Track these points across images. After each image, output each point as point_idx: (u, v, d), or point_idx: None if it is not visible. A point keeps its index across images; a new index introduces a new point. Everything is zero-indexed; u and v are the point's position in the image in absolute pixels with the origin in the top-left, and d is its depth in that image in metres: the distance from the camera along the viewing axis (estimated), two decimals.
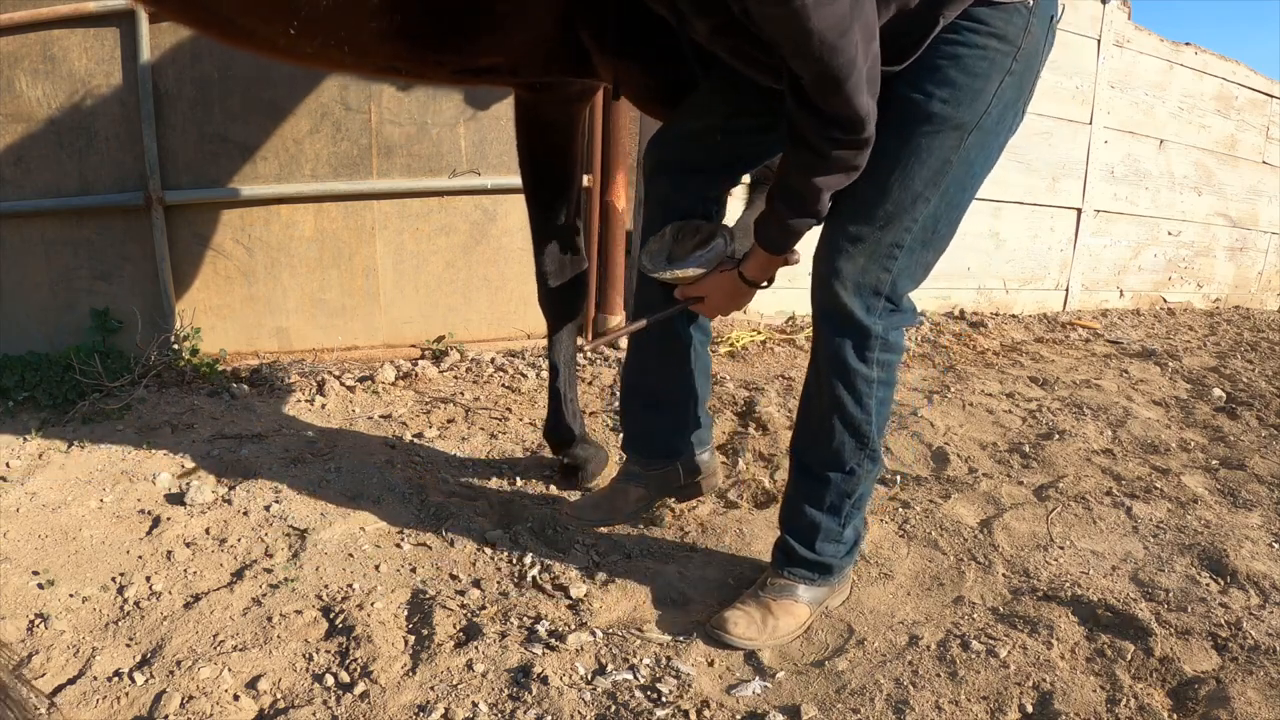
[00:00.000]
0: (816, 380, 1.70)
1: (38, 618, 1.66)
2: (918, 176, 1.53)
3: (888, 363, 1.65)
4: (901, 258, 1.58)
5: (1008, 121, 1.59)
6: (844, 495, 1.71)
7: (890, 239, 1.56)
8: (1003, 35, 1.49)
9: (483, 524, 2.10)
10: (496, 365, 3.25)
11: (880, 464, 1.74)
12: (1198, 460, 2.67)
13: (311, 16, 1.61)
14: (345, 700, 1.48)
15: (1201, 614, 1.79)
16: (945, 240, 1.63)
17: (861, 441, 1.67)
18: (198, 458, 2.39)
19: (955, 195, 1.57)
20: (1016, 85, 1.54)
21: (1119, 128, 4.81)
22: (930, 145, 1.51)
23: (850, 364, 1.63)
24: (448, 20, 1.70)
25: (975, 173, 1.58)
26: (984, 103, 1.51)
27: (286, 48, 1.70)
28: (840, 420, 1.66)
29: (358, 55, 1.74)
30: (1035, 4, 1.50)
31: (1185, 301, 5.46)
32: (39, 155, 2.97)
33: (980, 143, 1.55)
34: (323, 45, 1.69)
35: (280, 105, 3.05)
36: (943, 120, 1.50)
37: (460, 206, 3.29)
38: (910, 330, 3.96)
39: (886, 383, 1.67)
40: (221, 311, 3.20)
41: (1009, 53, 1.50)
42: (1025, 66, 1.54)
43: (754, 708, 1.51)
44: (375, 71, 1.89)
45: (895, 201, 1.54)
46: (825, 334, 1.65)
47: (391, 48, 1.73)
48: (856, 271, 1.58)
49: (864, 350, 1.62)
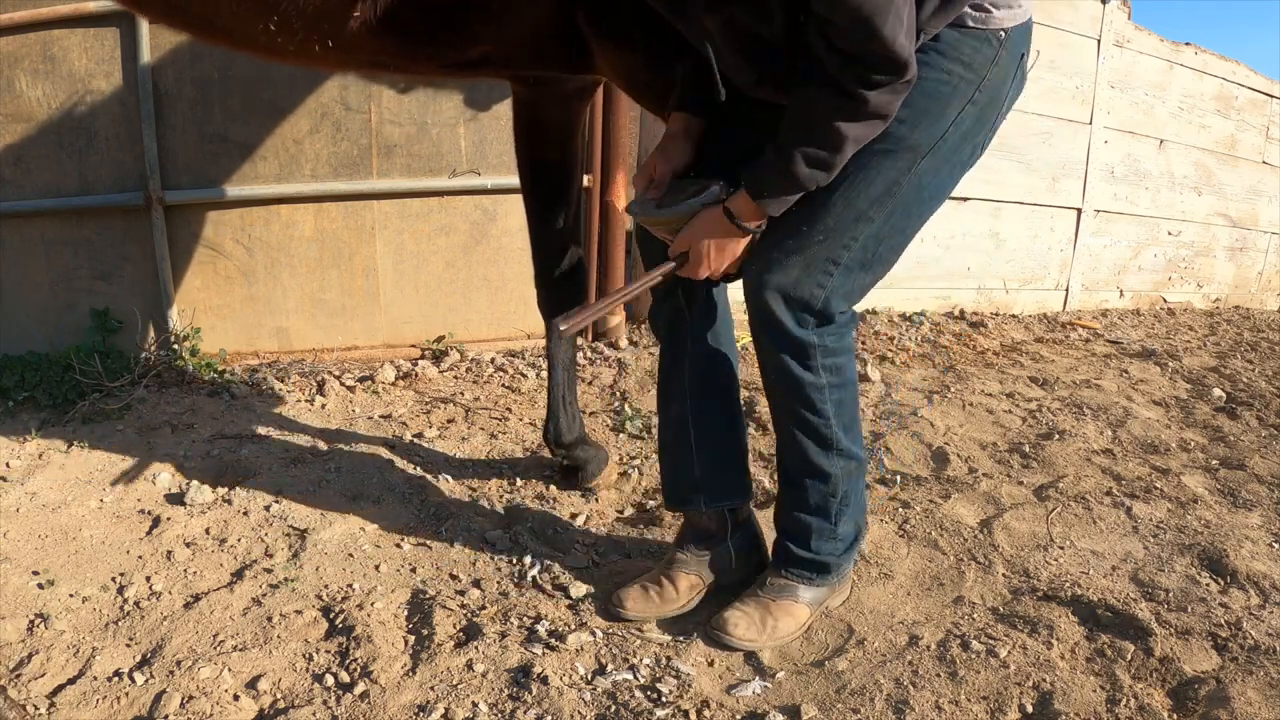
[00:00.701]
0: (769, 391, 1.67)
1: (38, 618, 1.66)
2: (864, 194, 1.50)
3: (835, 365, 1.61)
4: (838, 275, 1.54)
5: (964, 153, 1.56)
6: (827, 497, 1.69)
7: (827, 254, 1.52)
8: (969, 63, 1.48)
9: (483, 524, 2.10)
10: (496, 365, 3.25)
11: (860, 459, 1.70)
12: (1198, 460, 2.67)
13: (290, 12, 1.59)
14: (345, 700, 1.48)
15: (1201, 614, 1.79)
16: (885, 265, 1.60)
17: (825, 445, 1.65)
18: (198, 458, 2.40)
19: (900, 219, 1.55)
20: (977, 116, 1.52)
21: (1119, 128, 4.81)
22: (881, 164, 1.49)
23: (796, 374, 1.59)
24: (434, 10, 1.67)
25: (924, 199, 1.56)
26: (941, 128, 1.49)
27: (268, 45, 1.67)
28: (799, 429, 1.64)
29: (342, 50, 1.70)
30: (1007, 36, 1.49)
31: (1185, 301, 5.45)
32: (39, 155, 2.97)
33: (933, 168, 1.52)
34: (304, 41, 1.65)
35: (280, 105, 3.05)
36: (897, 140, 1.47)
37: (460, 206, 3.29)
38: (910, 330, 3.97)
39: (839, 384, 1.63)
40: (221, 311, 3.20)
41: (973, 81, 1.49)
42: (989, 99, 1.52)
43: (754, 708, 1.51)
44: (363, 67, 1.85)
45: (837, 216, 1.51)
46: (765, 345, 1.61)
47: (377, 41, 1.68)
48: (789, 284, 1.54)
49: (806, 360, 1.59)
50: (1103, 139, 4.73)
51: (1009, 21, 1.49)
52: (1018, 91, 1.59)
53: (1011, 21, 1.50)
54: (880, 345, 3.72)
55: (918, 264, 4.29)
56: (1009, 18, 1.49)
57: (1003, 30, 1.49)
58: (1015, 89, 1.58)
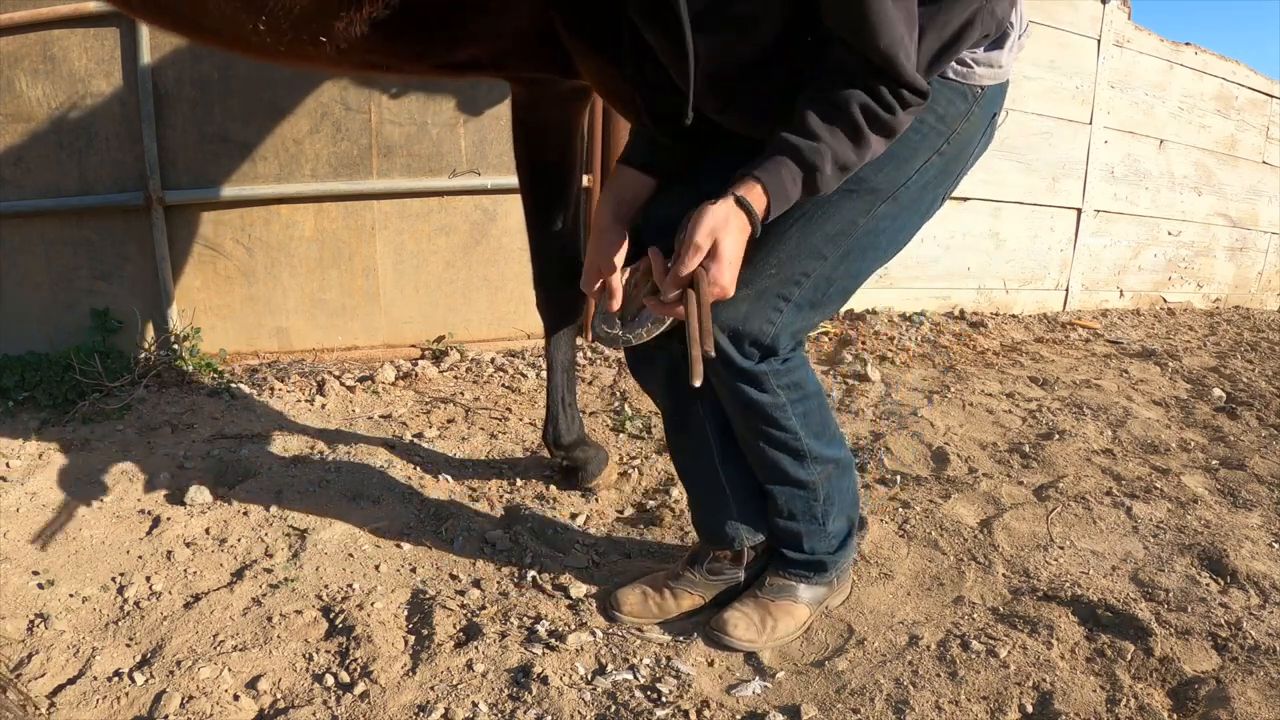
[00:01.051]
0: (733, 416, 1.63)
1: (38, 618, 1.66)
2: (819, 231, 1.48)
3: (792, 383, 1.58)
4: (787, 312, 1.51)
5: (924, 203, 1.55)
6: (810, 502, 1.67)
7: (778, 289, 1.49)
8: (942, 115, 1.47)
9: (483, 524, 2.11)
10: (496, 365, 3.25)
11: (838, 459, 1.68)
12: (1198, 460, 2.67)
13: (277, 12, 1.58)
14: (345, 700, 1.48)
15: (1201, 614, 1.79)
16: (834, 305, 1.57)
17: (799, 457, 1.63)
18: (198, 458, 2.40)
19: (854, 262, 1.53)
20: (942, 167, 1.51)
21: (1119, 128, 4.81)
22: (841, 203, 1.47)
23: (755, 399, 1.57)
24: (419, 12, 1.67)
25: (880, 244, 1.54)
26: (905, 175, 1.48)
27: (259, 46, 1.67)
28: (770, 446, 1.62)
29: (334, 50, 1.70)
30: (983, 93, 1.48)
31: (1185, 301, 5.46)
32: (39, 155, 2.97)
33: (892, 214, 1.50)
34: (294, 41, 1.65)
35: (280, 105, 3.05)
36: (859, 181, 1.44)
37: (460, 206, 3.29)
38: (910, 330, 3.96)
39: (801, 398, 1.60)
40: (221, 311, 3.20)
41: (944, 133, 1.48)
42: (956, 152, 1.51)
43: (754, 708, 1.51)
44: (357, 67, 1.84)
45: (791, 252, 1.49)
46: (718, 377, 1.57)
47: (366, 41, 1.68)
48: (738, 319, 1.50)
49: (761, 386, 1.56)
50: (1103, 139, 4.74)
51: (988, 80, 1.49)
52: (984, 148, 1.59)
53: (990, 80, 1.49)
54: (880, 345, 3.72)
55: (918, 264, 4.29)
56: (989, 75, 1.48)
57: (980, 87, 1.48)
58: (983, 145, 1.57)
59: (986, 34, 1.42)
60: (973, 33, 1.39)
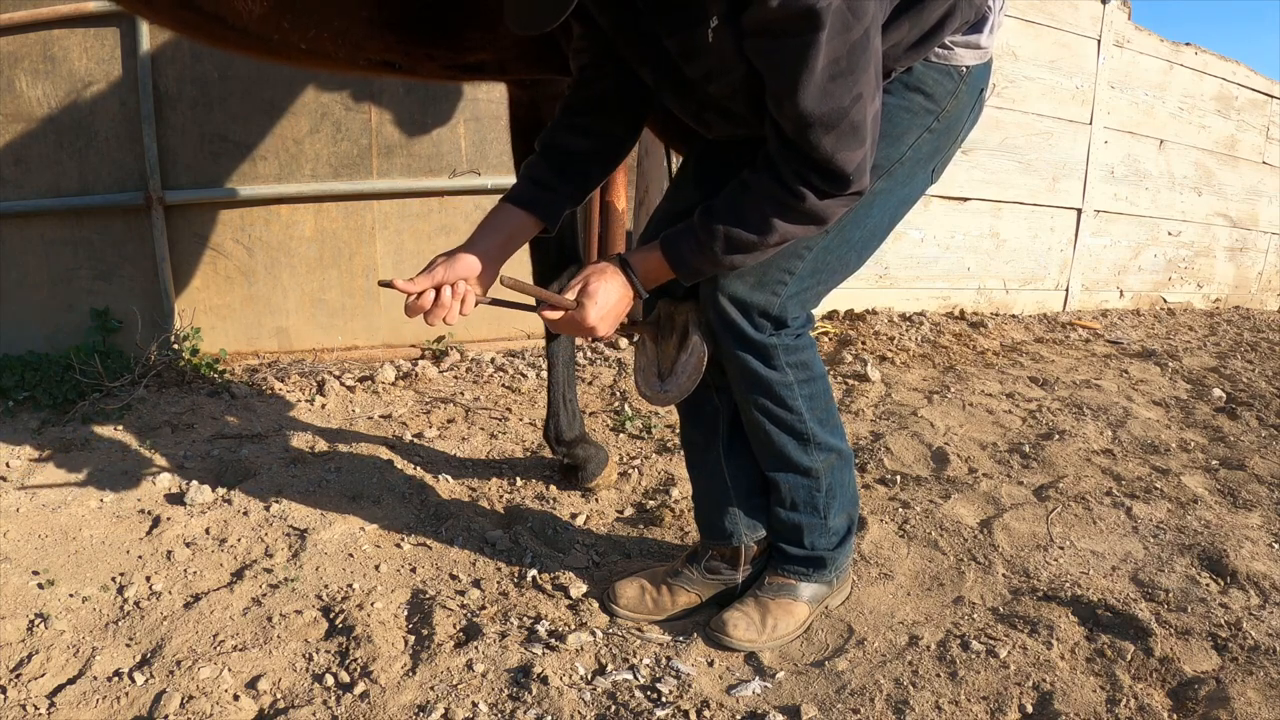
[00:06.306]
0: (739, 397, 1.66)
1: (38, 618, 1.66)
2: None
3: (800, 361, 1.62)
4: (792, 284, 1.56)
5: (917, 180, 1.59)
6: (813, 492, 1.69)
7: (781, 263, 1.54)
8: (930, 94, 1.51)
9: (483, 524, 2.10)
10: (496, 365, 3.25)
11: (840, 450, 1.70)
12: (1198, 460, 2.67)
13: (305, 9, 1.61)
14: (345, 700, 1.48)
15: (1201, 614, 1.79)
16: (838, 275, 1.61)
17: (802, 440, 1.65)
18: (198, 458, 2.40)
19: (850, 233, 1.57)
20: (933, 144, 1.55)
21: (1119, 128, 4.81)
22: None
23: (763, 375, 1.60)
24: (438, 11, 1.68)
25: (874, 217, 1.58)
26: (898, 152, 1.52)
27: (281, 43, 1.69)
28: (774, 426, 1.64)
29: (351, 49, 1.73)
30: (968, 72, 1.52)
31: (1185, 302, 5.46)
32: (39, 155, 2.97)
33: (886, 190, 1.55)
34: (316, 38, 1.68)
35: (280, 105, 3.06)
36: None
37: (460, 206, 3.29)
38: (910, 330, 3.96)
39: (808, 379, 1.63)
40: (221, 311, 3.20)
41: (933, 111, 1.52)
42: (945, 129, 1.55)
43: (754, 708, 1.50)
44: (368, 67, 1.87)
45: None
46: (727, 351, 1.61)
47: (383, 40, 1.71)
48: (745, 290, 1.55)
49: (770, 361, 1.59)
50: (1103, 139, 4.74)
51: (971, 60, 1.53)
52: (974, 123, 1.63)
53: (974, 60, 1.53)
54: (880, 345, 3.72)
55: (918, 264, 4.29)
56: (971, 56, 1.53)
57: (964, 66, 1.52)
58: (972, 121, 1.61)
59: (966, 20, 1.47)
60: (953, 22, 1.45)
